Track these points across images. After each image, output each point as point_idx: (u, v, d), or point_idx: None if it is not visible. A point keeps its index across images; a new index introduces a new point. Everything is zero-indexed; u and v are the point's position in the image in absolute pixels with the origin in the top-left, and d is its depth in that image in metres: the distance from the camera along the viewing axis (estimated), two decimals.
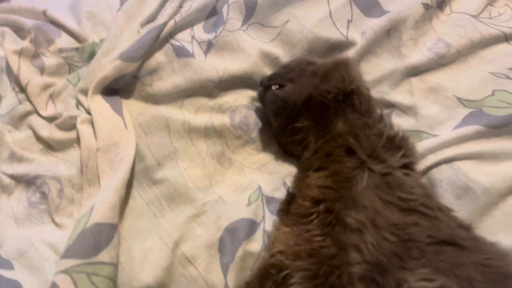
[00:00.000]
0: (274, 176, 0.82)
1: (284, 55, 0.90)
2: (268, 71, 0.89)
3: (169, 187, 0.76)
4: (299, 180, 0.75)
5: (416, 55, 0.91)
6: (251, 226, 0.73)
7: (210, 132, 0.83)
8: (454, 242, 0.57)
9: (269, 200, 0.77)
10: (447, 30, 0.94)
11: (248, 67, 0.87)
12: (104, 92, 0.83)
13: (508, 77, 0.86)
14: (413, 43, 0.93)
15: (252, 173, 0.82)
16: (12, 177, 0.80)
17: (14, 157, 0.81)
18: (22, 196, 0.78)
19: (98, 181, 0.76)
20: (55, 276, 0.64)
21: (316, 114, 0.75)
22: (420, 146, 0.80)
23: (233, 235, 0.72)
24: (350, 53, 0.90)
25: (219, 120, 0.83)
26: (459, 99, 0.86)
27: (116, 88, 0.84)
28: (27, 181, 0.79)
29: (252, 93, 0.88)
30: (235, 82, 0.87)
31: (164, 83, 0.84)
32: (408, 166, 0.70)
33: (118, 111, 0.80)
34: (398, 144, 0.72)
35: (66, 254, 0.65)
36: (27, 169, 0.79)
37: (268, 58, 0.89)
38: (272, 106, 0.79)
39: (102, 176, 0.75)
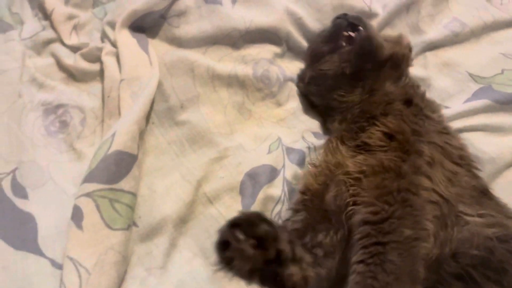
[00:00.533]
0: (292, 130, 0.83)
1: (308, 17, 0.92)
2: (292, 29, 0.90)
3: (191, 129, 0.76)
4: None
5: (433, 31, 0.95)
6: (272, 172, 0.74)
7: (232, 81, 0.83)
8: (488, 193, 0.63)
9: (289, 150, 0.78)
10: (462, 11, 0.98)
11: (274, 22, 0.88)
12: (131, 29, 0.81)
13: None
14: (431, 19, 0.96)
15: (271, 126, 0.83)
16: (30, 102, 0.77)
17: (35, 82, 0.79)
18: (38, 122, 0.75)
19: (119, 113, 0.75)
20: (77, 199, 0.63)
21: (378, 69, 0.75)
22: None
23: (254, 180, 0.73)
24: (372, 23, 0.93)
25: (243, 70, 0.84)
26: (470, 74, 0.91)
27: (143, 26, 0.82)
28: (46, 110, 0.76)
29: (275, 49, 0.89)
30: (260, 35, 0.87)
31: (191, 27, 0.84)
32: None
33: (144, 47, 0.79)
34: (437, 106, 0.76)
35: (89, 178, 0.64)
36: (48, 98, 0.77)
37: (293, 17, 0.90)
38: (360, 49, 0.74)
39: (123, 106, 0.74)
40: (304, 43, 0.92)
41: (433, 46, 0.94)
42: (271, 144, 0.78)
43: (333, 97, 0.77)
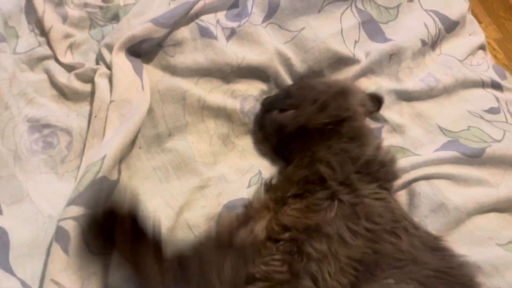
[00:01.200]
0: (273, 164, 0.87)
1: (296, 58, 0.97)
2: (280, 68, 0.95)
3: (177, 157, 0.79)
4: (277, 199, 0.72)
5: (410, 82, 1.02)
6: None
7: (220, 114, 0.86)
8: (415, 260, 0.60)
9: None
10: (437, 68, 1.06)
11: (264, 60, 0.92)
12: (128, 52, 0.84)
13: (481, 117, 0.98)
14: (409, 71, 1.03)
15: (253, 159, 0.87)
16: (17, 115, 0.77)
17: (24, 97, 0.79)
18: (24, 136, 0.76)
19: (103, 134, 0.77)
20: (63, 221, 0.64)
21: (306, 138, 0.77)
22: (404, 161, 0.89)
23: (231, 212, 0.75)
24: (355, 68, 0.99)
25: (231, 104, 0.87)
26: (440, 127, 0.97)
27: (139, 51, 0.85)
28: (31, 127, 0.77)
29: (263, 86, 0.93)
30: (250, 72, 0.91)
31: (186, 57, 0.87)
32: (383, 187, 0.73)
33: (139, 72, 0.82)
34: (378, 166, 0.75)
35: (77, 201, 0.65)
36: (35, 115, 0.78)
37: (282, 57, 0.95)
38: (269, 128, 0.83)
39: (108, 126, 0.76)
40: (290, 83, 0.97)
41: (409, 97, 1.00)
42: (252, 177, 0.82)
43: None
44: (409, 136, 0.96)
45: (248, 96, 0.90)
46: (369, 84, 1.00)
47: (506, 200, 0.82)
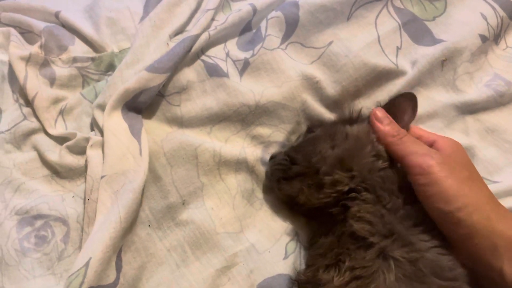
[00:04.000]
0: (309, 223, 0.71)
1: (326, 79, 0.80)
2: (307, 96, 0.79)
3: (194, 231, 0.65)
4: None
5: (473, 91, 0.82)
6: (289, 283, 0.62)
7: (241, 167, 0.72)
8: None
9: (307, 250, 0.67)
10: (505, 66, 0.85)
11: (287, 91, 0.76)
12: (126, 110, 0.71)
13: None
14: (469, 77, 0.84)
15: (286, 216, 0.72)
16: (3, 208, 0.67)
17: (10, 184, 0.69)
18: (12, 234, 0.65)
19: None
20: None
21: (318, 213, 0.65)
22: None
23: None
24: (400, 82, 0.81)
25: (252, 153, 0.73)
26: None
27: (139, 107, 0.72)
28: (21, 220, 0.66)
29: (290, 126, 0.77)
30: (273, 110, 0.76)
31: (194, 104, 0.73)
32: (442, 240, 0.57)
33: (137, 134, 0.69)
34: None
35: None
36: (25, 205, 0.67)
37: (309, 82, 0.79)
38: (279, 196, 0.70)
39: (99, 210, 0.63)
40: (322, 111, 0.80)
41: (474, 109, 0.81)
42: (288, 243, 0.67)
43: None
44: (481, 159, 0.77)
45: (271, 142, 0.75)
46: (419, 101, 0.81)
47: None
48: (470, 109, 0.80)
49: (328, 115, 0.81)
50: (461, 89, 0.82)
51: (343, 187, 0.62)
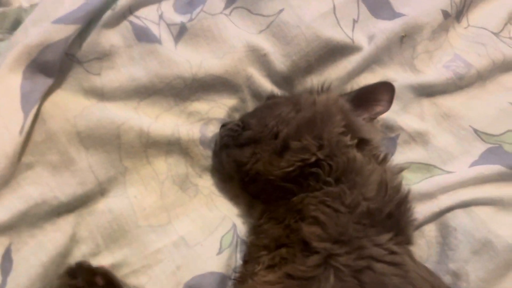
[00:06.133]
0: (252, 210, 0.64)
1: (275, 52, 0.71)
2: (253, 70, 0.70)
3: (110, 222, 0.56)
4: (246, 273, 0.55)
5: (432, 71, 0.76)
6: (221, 283, 0.55)
7: (173, 149, 0.63)
8: None
9: (244, 244, 0.59)
10: (465, 46, 0.79)
11: (230, 63, 0.67)
12: (30, 73, 0.56)
13: None
14: (428, 56, 0.77)
15: (224, 205, 0.64)
16: None
17: None
18: None
19: None
20: None
21: (275, 187, 0.58)
22: (431, 183, 0.67)
23: None
24: (355, 59, 0.74)
25: (188, 132, 0.63)
26: (475, 130, 0.73)
27: (48, 70, 0.57)
28: None
29: (232, 101, 0.68)
30: (212, 84, 0.66)
31: (118, 73, 0.62)
32: (398, 241, 0.53)
33: (28, 106, 0.54)
34: (387, 209, 0.54)
35: None
36: None
37: (255, 54, 0.70)
38: (228, 168, 0.62)
39: None
40: (269, 87, 0.71)
41: (431, 92, 0.75)
42: (224, 236, 0.59)
43: None
44: (435, 147, 0.72)
45: (211, 119, 0.66)
46: (373, 80, 0.74)
47: None
48: (427, 91, 0.74)
49: (277, 93, 0.72)
50: (419, 69, 0.76)
51: (310, 156, 0.55)
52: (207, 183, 0.65)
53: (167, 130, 0.62)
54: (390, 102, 0.66)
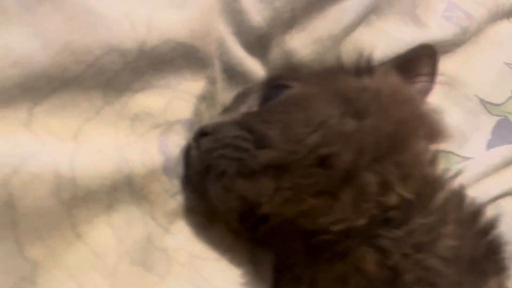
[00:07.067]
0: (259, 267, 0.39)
1: (253, 7, 0.43)
2: (225, 27, 0.41)
3: None
4: None
5: (435, 25, 0.58)
6: None
7: (120, 195, 0.32)
8: None
9: None
10: None
11: (197, 17, 0.37)
12: None
13: None
14: (427, 4, 0.59)
15: (219, 273, 0.37)
16: None
17: None
18: None
19: None
20: None
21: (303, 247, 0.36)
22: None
23: None
24: (350, 6, 0.51)
25: (142, 157, 0.33)
26: (481, 101, 0.59)
27: None
28: None
29: (198, 87, 0.39)
30: (169, 58, 0.36)
31: None
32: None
33: None
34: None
35: None
36: None
37: (227, 4, 0.41)
38: (222, 205, 0.36)
39: None
40: (241, 55, 0.44)
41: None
42: None
43: None
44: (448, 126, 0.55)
45: (171, 123, 0.36)
46: (373, 37, 0.53)
47: None
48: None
49: (250, 63, 0.45)
50: (423, 21, 0.57)
51: (393, 197, 0.33)
52: (180, 239, 0.36)
53: (106, 161, 0.31)
54: (433, 75, 0.46)
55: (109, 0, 0.31)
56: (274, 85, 0.40)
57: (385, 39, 0.53)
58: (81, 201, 0.29)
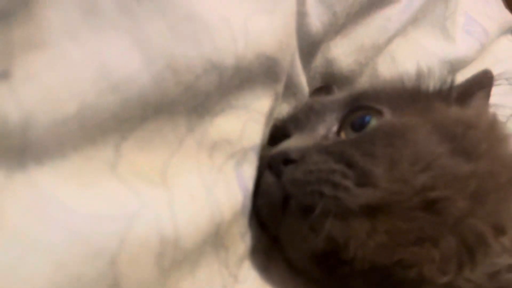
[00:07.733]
0: None
1: (315, 10, 0.38)
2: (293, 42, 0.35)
3: None
4: None
5: (460, 39, 0.56)
6: None
7: (205, 249, 0.26)
8: None
9: None
10: (471, 1, 0.62)
11: (283, 26, 0.31)
12: None
13: None
14: (453, 17, 0.57)
15: None
16: None
17: None
18: None
19: None
20: None
21: None
22: None
23: None
24: (394, 14, 0.47)
25: (229, 200, 0.27)
26: None
27: None
28: None
29: (267, 105, 0.33)
30: (255, 74, 0.29)
31: (57, 67, 0.18)
32: None
33: None
34: None
35: None
36: None
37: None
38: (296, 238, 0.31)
39: None
40: (298, 66, 0.39)
41: (460, 67, 0.56)
42: None
43: None
44: None
45: (246, 150, 0.31)
46: (409, 50, 0.50)
47: None
48: (460, 66, 0.55)
49: (302, 73, 0.40)
50: (452, 36, 0.55)
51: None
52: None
53: (201, 211, 0.24)
54: (488, 98, 0.44)
55: (209, 1, 0.24)
56: (358, 107, 0.35)
57: (420, 52, 0.50)
58: (177, 265, 0.23)
